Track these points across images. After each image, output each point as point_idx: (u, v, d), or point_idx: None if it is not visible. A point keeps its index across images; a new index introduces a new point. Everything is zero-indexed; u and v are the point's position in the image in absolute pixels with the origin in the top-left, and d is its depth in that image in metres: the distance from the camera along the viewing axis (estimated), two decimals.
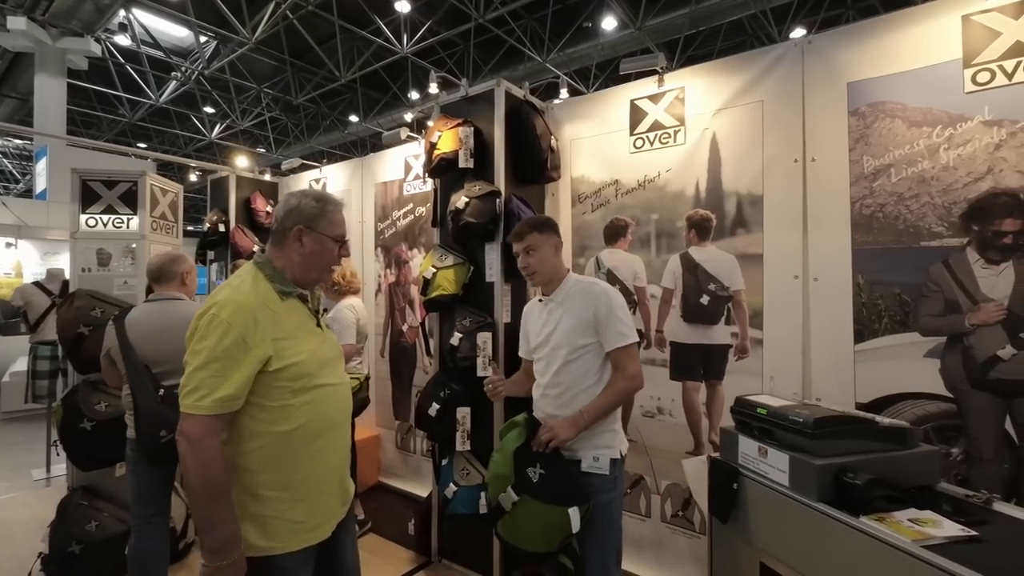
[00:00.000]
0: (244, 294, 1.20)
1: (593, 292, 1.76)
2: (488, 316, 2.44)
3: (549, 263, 1.81)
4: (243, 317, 1.16)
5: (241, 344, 1.14)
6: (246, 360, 1.15)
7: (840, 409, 1.29)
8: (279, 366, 1.18)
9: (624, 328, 1.71)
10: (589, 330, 1.73)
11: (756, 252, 2.18)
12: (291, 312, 1.27)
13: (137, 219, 2.75)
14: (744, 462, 1.32)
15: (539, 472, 1.64)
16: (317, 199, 1.32)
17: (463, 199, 2.39)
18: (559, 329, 1.78)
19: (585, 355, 1.74)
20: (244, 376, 1.14)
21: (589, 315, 1.73)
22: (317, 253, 1.30)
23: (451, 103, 2.65)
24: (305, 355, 1.24)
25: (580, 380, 1.75)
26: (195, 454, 1.12)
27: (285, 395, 1.20)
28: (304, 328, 1.29)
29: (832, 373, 2.00)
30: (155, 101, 12.15)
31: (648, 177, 2.45)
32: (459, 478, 2.43)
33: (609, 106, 2.58)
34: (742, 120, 2.21)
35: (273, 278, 1.27)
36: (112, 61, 10.90)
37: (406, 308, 3.51)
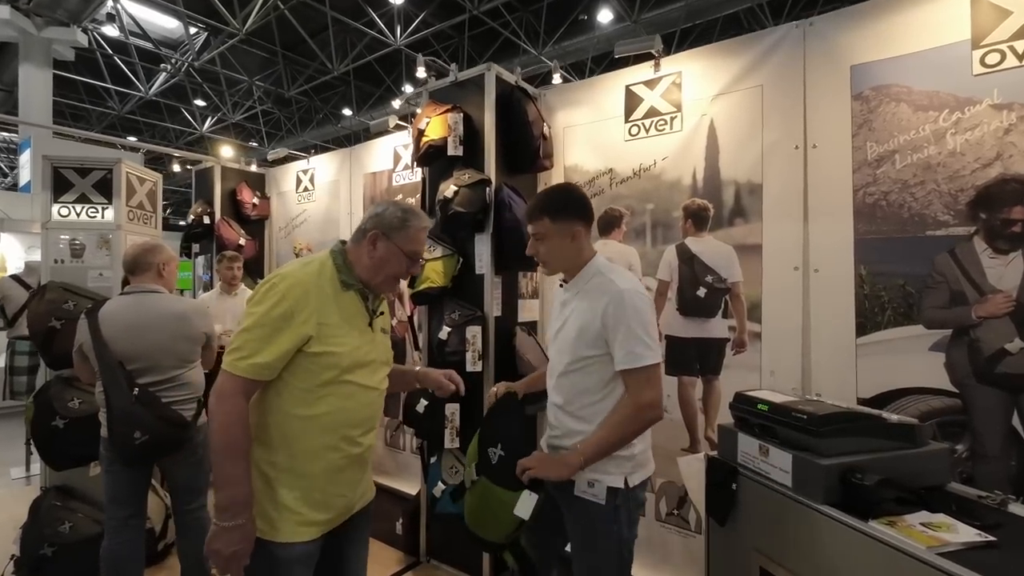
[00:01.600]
0: (307, 273, 1.24)
1: (606, 293, 1.40)
2: (478, 309, 2.36)
3: (560, 254, 1.51)
4: (297, 292, 1.19)
5: (289, 316, 1.17)
6: (289, 333, 1.17)
7: (845, 405, 1.22)
8: (318, 350, 1.20)
9: (636, 345, 1.34)
10: (597, 340, 1.40)
11: (755, 243, 2.10)
12: (347, 304, 1.27)
13: (112, 209, 2.64)
14: (744, 461, 1.25)
15: (499, 453, 1.53)
16: (403, 211, 1.33)
17: (452, 188, 2.31)
18: (567, 328, 1.50)
19: (589, 368, 1.43)
20: (283, 348, 1.17)
21: (598, 320, 1.39)
22: (386, 261, 1.31)
23: (440, 89, 2.56)
24: (346, 348, 1.24)
25: (582, 395, 1.46)
26: (222, 408, 1.16)
27: (313, 380, 1.21)
28: (354, 323, 1.28)
29: (833, 367, 1.93)
30: (144, 94, 11.97)
31: (644, 165, 2.37)
32: (448, 476, 2.36)
33: (603, 92, 2.50)
34: (741, 106, 2.13)
35: (341, 268, 1.29)
36: (100, 52, 10.72)
37: (395, 302, 3.42)
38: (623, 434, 1.38)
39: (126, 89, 12.12)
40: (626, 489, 1.42)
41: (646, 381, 1.35)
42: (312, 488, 1.24)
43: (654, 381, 1.36)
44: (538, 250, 1.52)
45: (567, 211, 1.49)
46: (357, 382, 1.27)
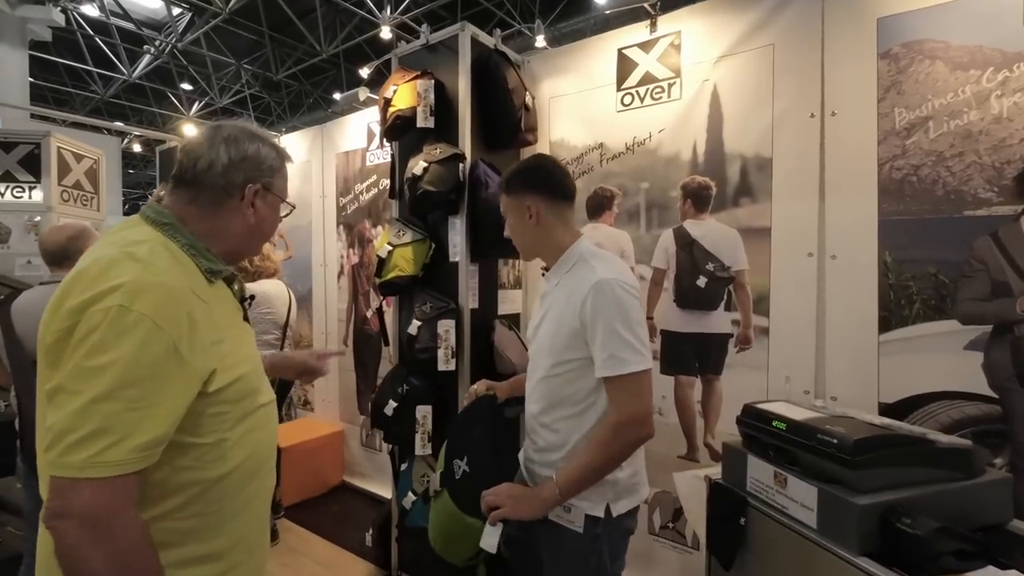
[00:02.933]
0: (166, 273, 0.80)
1: (584, 282, 1.17)
2: (451, 301, 2.11)
3: (523, 234, 1.30)
4: (174, 311, 0.77)
5: (173, 355, 0.76)
6: (181, 379, 0.78)
7: (880, 422, 0.98)
8: (222, 383, 0.83)
9: (620, 347, 1.11)
10: (576, 340, 1.18)
11: (763, 225, 1.85)
12: (220, 302, 0.91)
13: (41, 188, 2.37)
14: (755, 490, 1.02)
15: (463, 468, 1.31)
16: (274, 147, 0.98)
17: (421, 164, 2.04)
18: (545, 325, 1.27)
19: (568, 373, 1.20)
20: (178, 405, 0.78)
21: (576, 319, 1.16)
22: (269, 222, 0.98)
23: (410, 54, 2.28)
24: (248, 363, 0.91)
25: (559, 405, 1.23)
26: (106, 546, 0.72)
27: (223, 425, 0.85)
28: (235, 324, 0.94)
29: (851, 368, 1.69)
30: (128, 76, 11.61)
31: (638, 139, 2.11)
32: (419, 486, 2.12)
33: (593, 57, 2.23)
34: (748, 69, 1.86)
35: (195, 250, 0.88)
36: (80, 33, 10.35)
37: (370, 292, 3.17)
38: (606, 459, 1.14)
39: (109, 72, 11.75)
40: (608, 518, 1.20)
41: (631, 392, 1.11)
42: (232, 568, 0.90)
43: (641, 391, 1.12)
44: (506, 230, 1.32)
45: (522, 183, 1.28)
46: (268, 400, 0.97)
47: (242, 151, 0.92)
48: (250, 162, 0.92)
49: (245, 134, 0.94)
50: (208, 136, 0.93)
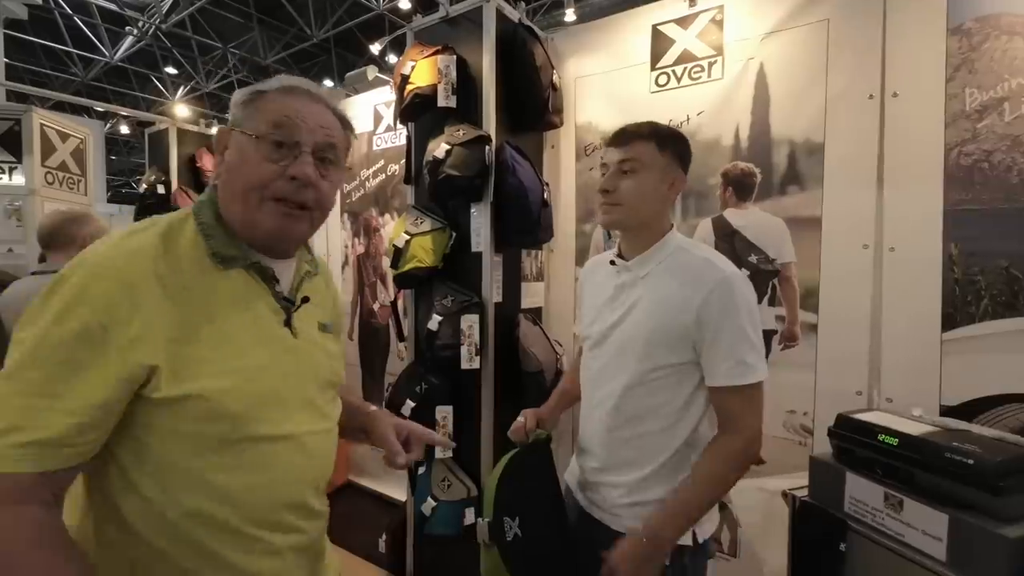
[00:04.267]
0: (132, 248, 0.69)
1: (704, 276, 1.04)
2: (474, 294, 1.97)
3: (650, 202, 1.10)
4: (106, 286, 0.65)
5: (93, 334, 0.63)
6: (96, 366, 0.63)
7: (1010, 438, 0.86)
8: (173, 393, 0.67)
9: (749, 353, 1.01)
10: (682, 342, 1.05)
11: (812, 215, 1.73)
12: (230, 296, 0.74)
13: (23, 169, 2.17)
14: (855, 511, 0.90)
15: (515, 530, 1.15)
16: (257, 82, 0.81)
17: (443, 147, 1.89)
18: (631, 323, 1.11)
19: (663, 380, 1.07)
20: (89, 398, 0.63)
21: (687, 316, 1.03)
22: (234, 166, 0.76)
23: (428, 27, 2.12)
24: (235, 380, 0.71)
25: (645, 418, 1.09)
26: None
27: (189, 449, 0.69)
28: (252, 327, 0.76)
29: (910, 368, 1.58)
30: (110, 59, 11.20)
31: (674, 122, 1.97)
32: (439, 491, 1.99)
33: (625, 34, 2.08)
34: (800, 46, 1.73)
35: (211, 229, 0.75)
36: (59, 12, 9.94)
37: (377, 284, 3.01)
38: (722, 490, 1.04)
39: (90, 54, 11.33)
40: (694, 547, 1.07)
41: (756, 405, 1.03)
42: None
43: (762, 404, 1.05)
44: (618, 185, 1.10)
45: (680, 148, 1.14)
46: (270, 435, 0.74)
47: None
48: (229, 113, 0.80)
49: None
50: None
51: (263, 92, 0.78)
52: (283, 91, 0.78)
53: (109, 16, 10.10)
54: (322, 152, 0.78)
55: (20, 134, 2.10)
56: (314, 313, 0.87)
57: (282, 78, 0.80)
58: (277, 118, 0.76)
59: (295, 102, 0.78)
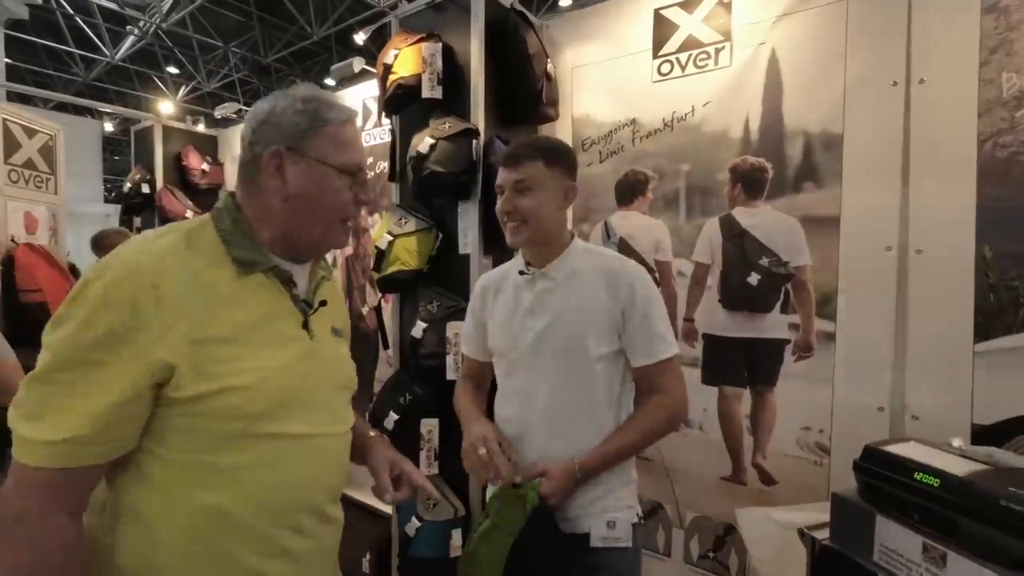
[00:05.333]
0: (156, 252, 0.72)
1: (617, 273, 1.18)
2: (461, 300, 1.83)
3: (550, 215, 1.18)
4: (130, 290, 0.67)
5: (115, 339, 0.66)
6: (120, 367, 0.66)
7: None
8: (198, 391, 0.70)
9: (665, 331, 1.17)
10: (611, 331, 1.16)
11: (830, 214, 1.58)
12: (250, 298, 0.77)
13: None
14: (888, 563, 0.76)
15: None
16: (306, 100, 0.81)
17: (427, 141, 1.76)
18: (560, 325, 1.18)
19: (604, 369, 1.17)
20: (112, 400, 0.66)
21: (613, 310, 1.15)
22: (313, 194, 0.80)
23: (413, 14, 1.99)
24: (257, 376, 0.73)
25: (586, 412, 1.17)
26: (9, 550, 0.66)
27: (205, 445, 0.72)
28: (272, 328, 0.79)
29: (938, 382, 1.43)
30: (111, 59, 11.17)
31: (678, 114, 1.83)
32: (423, 511, 1.86)
33: (625, 20, 1.94)
34: (815, 29, 1.59)
35: (231, 235, 0.78)
36: (60, 12, 9.90)
37: (366, 286, 2.88)
38: (649, 441, 1.19)
39: (91, 54, 11.31)
40: (640, 521, 1.22)
41: (678, 375, 1.20)
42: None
43: (680, 373, 1.22)
44: (519, 206, 1.16)
45: (562, 158, 1.21)
46: (296, 432, 0.77)
47: (260, 115, 0.81)
48: (269, 125, 0.80)
49: (277, 96, 0.82)
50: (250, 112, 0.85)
51: (329, 122, 0.81)
52: (348, 122, 0.84)
53: (110, 15, 10.07)
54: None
55: None
56: (328, 317, 0.90)
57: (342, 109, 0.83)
58: (357, 156, 0.83)
59: (355, 132, 0.85)
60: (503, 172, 1.20)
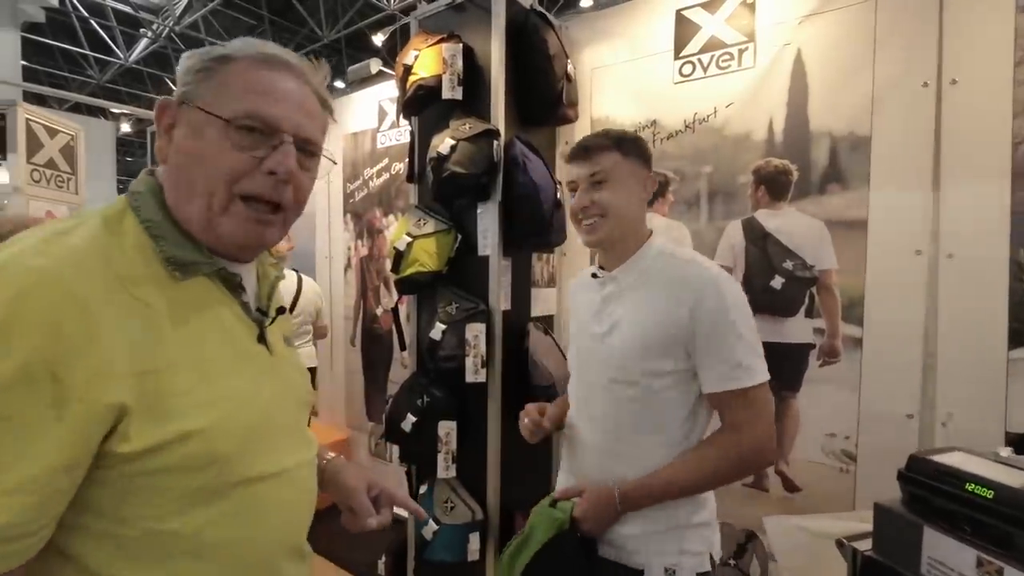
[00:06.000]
0: (74, 250, 0.53)
1: (690, 281, 1.01)
2: (480, 301, 1.82)
3: (630, 211, 1.08)
4: (48, 305, 0.48)
5: (36, 375, 0.47)
6: (48, 418, 0.48)
7: None
8: (153, 440, 0.53)
9: (747, 354, 0.97)
10: (674, 347, 1.00)
11: (857, 217, 1.55)
12: (193, 310, 0.60)
13: (7, 166, 2.05)
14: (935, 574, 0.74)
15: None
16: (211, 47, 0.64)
17: (447, 142, 1.75)
18: (618, 332, 1.06)
19: (660, 390, 1.02)
20: (46, 463, 0.48)
21: (680, 320, 0.99)
22: (186, 153, 0.61)
23: (433, 15, 1.98)
24: (220, 412, 0.58)
25: (642, 431, 1.04)
26: None
27: (158, 507, 0.55)
28: (225, 347, 0.63)
29: (970, 388, 1.40)
30: (124, 61, 11.30)
31: (700, 115, 1.81)
32: (441, 513, 1.84)
33: (646, 20, 1.93)
34: (843, 30, 1.56)
35: (157, 228, 0.60)
36: (76, 15, 10.03)
37: (380, 288, 2.88)
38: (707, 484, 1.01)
39: (105, 56, 11.45)
40: (713, 569, 1.06)
41: (761, 408, 0.98)
42: None
43: (766, 407, 1.00)
44: (597, 200, 1.06)
45: (641, 150, 1.11)
46: (267, 472, 0.62)
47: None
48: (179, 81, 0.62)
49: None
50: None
51: (229, 58, 0.62)
52: (257, 61, 0.63)
53: (124, 18, 10.18)
54: (304, 143, 0.65)
55: (5, 129, 1.99)
56: (279, 325, 0.75)
57: (253, 42, 0.64)
58: (253, 99, 0.61)
59: (273, 77, 0.63)
60: (575, 167, 1.10)
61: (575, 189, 1.10)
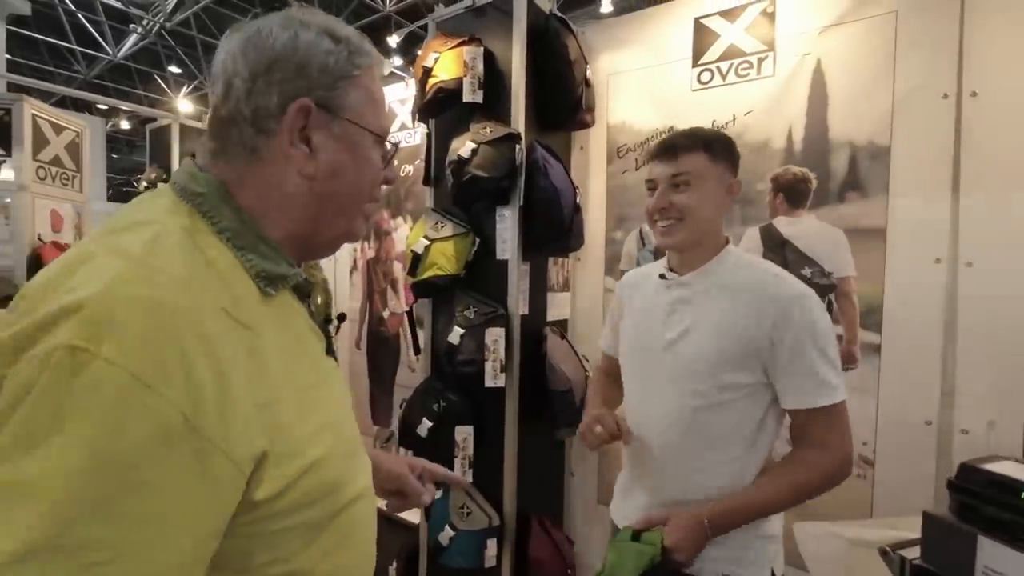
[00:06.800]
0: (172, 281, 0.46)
1: (769, 293, 1.00)
2: (499, 306, 1.81)
3: (710, 213, 1.05)
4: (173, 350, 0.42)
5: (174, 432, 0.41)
6: (202, 488, 0.43)
7: None
8: (282, 483, 0.49)
9: (829, 372, 0.97)
10: (752, 361, 0.99)
11: (875, 225, 1.58)
12: (282, 330, 0.56)
13: (13, 163, 2.01)
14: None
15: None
16: (334, 34, 0.57)
17: (469, 145, 1.74)
18: (690, 341, 1.04)
19: (731, 403, 1.00)
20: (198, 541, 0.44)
21: (759, 335, 0.97)
22: (346, 170, 0.58)
23: (451, 18, 1.97)
24: (332, 436, 0.56)
25: (715, 445, 1.02)
26: None
27: (285, 549, 0.51)
28: (312, 364, 0.60)
29: (990, 395, 1.43)
30: (113, 56, 11.11)
31: (718, 123, 1.82)
32: (457, 519, 1.83)
33: (664, 28, 1.94)
34: (863, 41, 1.58)
35: (241, 240, 0.54)
36: (62, 8, 9.84)
37: (387, 290, 2.86)
38: (791, 500, 1.00)
39: (93, 51, 11.24)
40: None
41: (843, 426, 1.00)
42: None
43: (846, 425, 1.01)
44: (678, 202, 1.03)
45: (730, 154, 1.09)
46: (357, 496, 0.60)
47: (270, 48, 0.53)
48: (290, 65, 0.54)
49: (287, 20, 0.55)
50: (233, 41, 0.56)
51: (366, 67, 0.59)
52: (380, 69, 0.62)
53: (114, 13, 10.02)
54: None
55: (10, 125, 1.94)
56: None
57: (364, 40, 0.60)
58: (381, 112, 0.62)
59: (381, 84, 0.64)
60: (657, 165, 1.06)
61: (654, 188, 1.07)
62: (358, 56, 0.58)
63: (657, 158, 1.07)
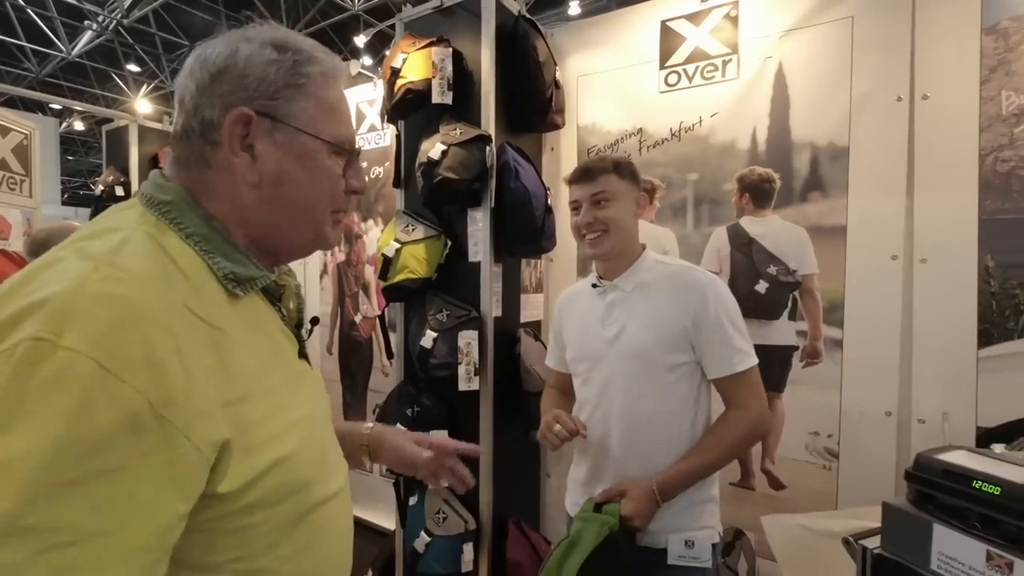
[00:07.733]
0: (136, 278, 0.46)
1: (690, 284, 1.17)
2: (472, 308, 1.80)
3: (628, 223, 1.21)
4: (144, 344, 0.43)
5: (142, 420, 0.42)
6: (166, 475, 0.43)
7: None
8: (246, 477, 0.49)
9: (742, 343, 1.16)
10: (680, 340, 1.16)
11: (837, 223, 1.63)
12: (251, 331, 0.57)
13: None
14: (947, 570, 0.78)
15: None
16: (279, 45, 0.57)
17: (439, 147, 1.73)
18: (628, 334, 1.19)
19: (676, 381, 1.17)
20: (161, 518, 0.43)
21: (685, 320, 1.15)
22: (297, 178, 0.59)
23: (419, 18, 1.95)
24: (299, 435, 0.56)
25: (667, 422, 1.17)
26: None
27: (248, 546, 0.51)
28: (282, 365, 0.61)
29: (944, 386, 1.49)
30: (66, 54, 10.65)
31: (685, 124, 1.85)
32: (433, 525, 1.82)
33: (631, 31, 1.96)
34: (822, 44, 1.63)
35: (207, 243, 0.55)
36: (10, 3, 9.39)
37: (359, 294, 2.82)
38: (731, 457, 1.23)
39: (45, 48, 10.76)
40: (721, 543, 1.22)
41: (758, 388, 1.18)
42: None
43: (759, 385, 1.19)
44: (601, 217, 1.19)
45: (633, 172, 1.25)
46: (328, 496, 0.60)
47: (213, 63, 0.55)
48: (229, 78, 0.55)
49: (233, 38, 0.57)
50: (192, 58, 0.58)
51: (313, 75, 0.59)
52: (328, 76, 0.61)
53: (66, 9, 9.61)
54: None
55: None
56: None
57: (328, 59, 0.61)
58: (338, 120, 0.61)
59: (340, 92, 0.63)
60: (579, 187, 1.22)
61: (577, 208, 1.22)
62: (306, 65, 0.59)
63: (577, 182, 1.23)
